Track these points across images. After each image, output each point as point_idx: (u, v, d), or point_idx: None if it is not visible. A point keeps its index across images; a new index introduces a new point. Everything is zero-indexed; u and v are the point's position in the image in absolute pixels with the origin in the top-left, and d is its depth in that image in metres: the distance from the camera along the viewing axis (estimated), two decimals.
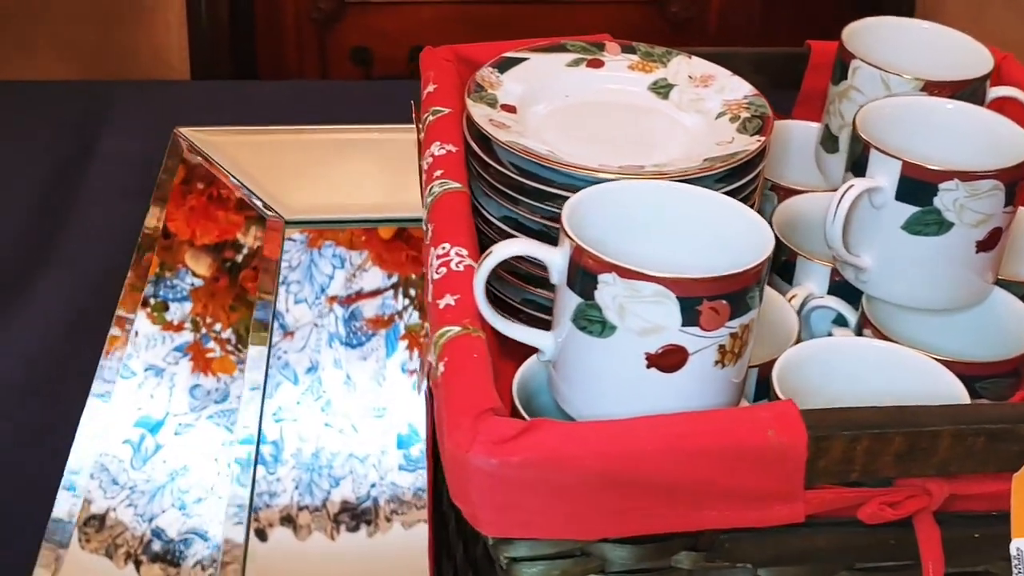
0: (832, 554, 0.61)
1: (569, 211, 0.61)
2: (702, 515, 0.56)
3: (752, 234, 0.61)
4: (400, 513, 0.90)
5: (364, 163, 1.13)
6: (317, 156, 1.13)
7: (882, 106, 0.74)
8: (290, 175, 1.10)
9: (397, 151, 1.13)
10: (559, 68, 0.86)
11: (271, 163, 1.11)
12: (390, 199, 1.08)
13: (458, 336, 0.60)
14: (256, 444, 0.92)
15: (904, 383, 0.67)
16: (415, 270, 1.11)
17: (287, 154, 1.13)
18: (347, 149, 1.15)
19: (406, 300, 1.09)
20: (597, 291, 0.58)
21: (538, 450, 0.54)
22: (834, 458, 0.56)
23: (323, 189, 1.08)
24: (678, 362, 0.58)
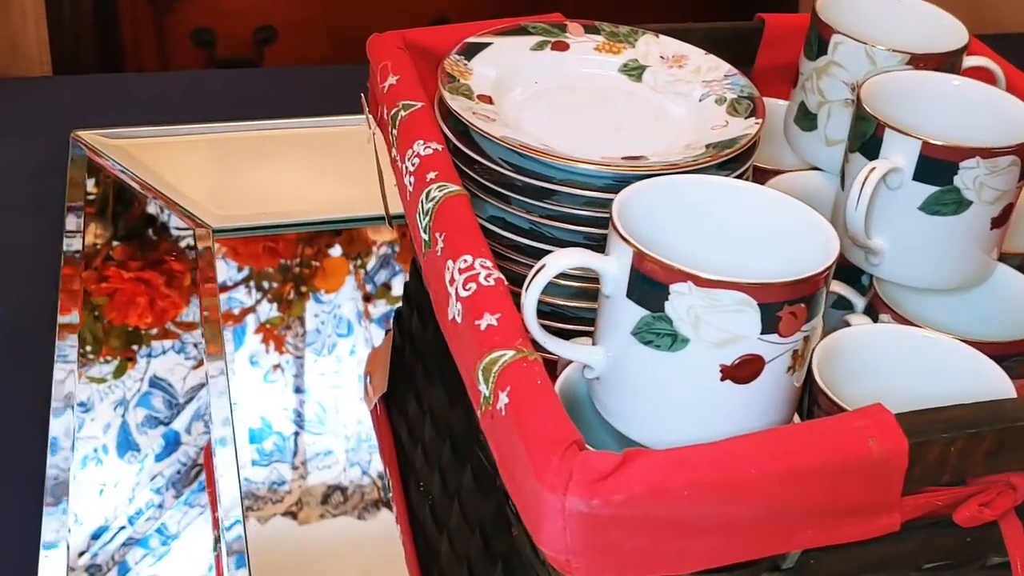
0: (911, 558, 0.58)
1: (619, 212, 0.56)
2: (801, 536, 0.53)
3: (811, 230, 0.57)
4: (255, 509, 0.84)
5: (286, 160, 1.04)
6: (234, 155, 1.03)
7: (887, 82, 0.71)
8: (210, 179, 1.00)
9: (320, 145, 1.05)
10: (524, 52, 0.80)
11: (187, 166, 1.01)
12: (324, 197, 1.00)
13: (515, 362, 0.54)
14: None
15: (942, 370, 0.65)
16: (271, 263, 1.04)
17: (202, 154, 1.03)
18: (264, 146, 1.06)
19: (259, 294, 1.02)
20: (668, 302, 0.53)
21: (640, 484, 0.49)
22: (930, 462, 0.53)
23: (248, 192, 0.99)
24: (754, 372, 0.55)
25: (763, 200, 0.59)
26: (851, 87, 0.78)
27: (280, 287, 1.02)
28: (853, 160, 0.70)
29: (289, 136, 1.06)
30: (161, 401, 0.92)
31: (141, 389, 0.94)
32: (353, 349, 0.97)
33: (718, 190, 0.59)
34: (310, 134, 1.05)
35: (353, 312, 1.01)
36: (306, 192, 0.99)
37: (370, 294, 1.03)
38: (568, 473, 0.48)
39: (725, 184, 0.60)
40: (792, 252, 0.57)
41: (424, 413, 0.84)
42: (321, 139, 1.06)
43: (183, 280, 0.99)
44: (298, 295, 1.02)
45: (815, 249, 0.56)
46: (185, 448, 0.88)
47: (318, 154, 1.06)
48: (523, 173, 0.70)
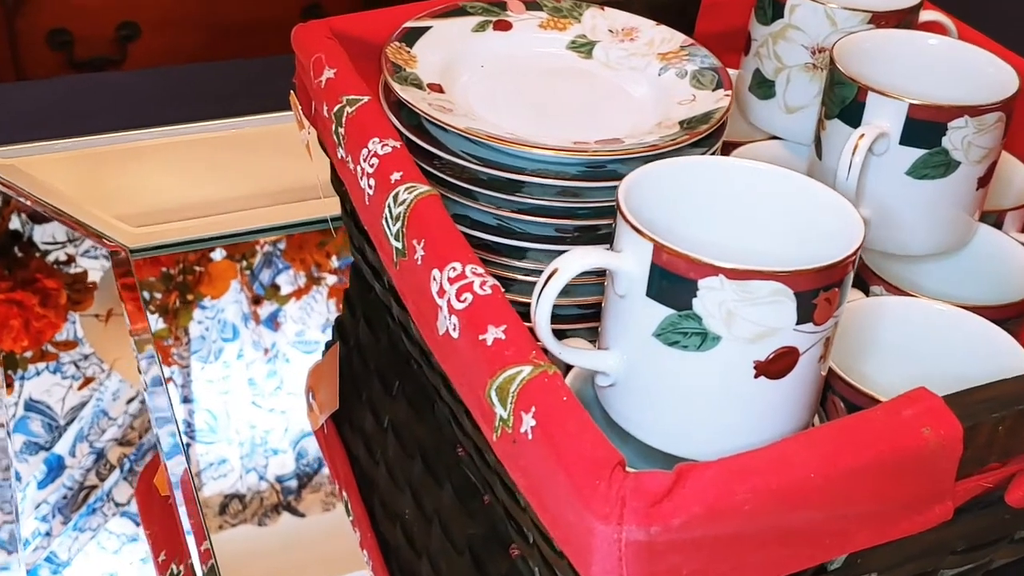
0: (953, 542, 0.55)
1: (626, 202, 0.51)
2: (856, 537, 0.49)
3: (829, 210, 0.53)
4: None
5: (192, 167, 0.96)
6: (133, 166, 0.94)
7: (860, 43, 0.68)
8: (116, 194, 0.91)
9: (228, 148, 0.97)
10: (466, 34, 0.75)
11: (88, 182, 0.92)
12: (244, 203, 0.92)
13: (535, 378, 0.49)
14: None
15: (949, 340, 0.62)
16: (152, 272, 0.96)
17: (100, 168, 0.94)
18: (166, 153, 0.97)
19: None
20: (697, 299, 0.49)
21: (699, 503, 0.44)
22: (979, 444, 0.50)
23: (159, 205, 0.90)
24: (788, 365, 0.51)
25: (773, 180, 0.55)
26: (811, 51, 0.74)
27: (164, 297, 0.95)
28: (831, 128, 0.67)
29: (186, 141, 0.98)
30: (40, 425, 0.85)
31: (17, 414, 0.86)
32: (240, 352, 0.90)
33: (723, 172, 0.55)
34: (210, 138, 0.97)
35: (238, 315, 0.95)
36: (224, 200, 0.92)
37: (258, 296, 0.97)
38: (620, 499, 0.44)
39: (737, 165, 0.56)
40: (810, 234, 0.53)
41: (385, 430, 0.79)
42: (223, 141, 0.98)
43: (58, 298, 0.91)
44: (184, 304, 0.95)
45: (837, 229, 0.52)
46: (70, 472, 0.81)
47: (224, 157, 0.98)
48: (489, 166, 0.64)
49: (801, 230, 0.53)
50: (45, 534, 0.76)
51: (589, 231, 0.66)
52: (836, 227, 0.52)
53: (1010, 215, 0.74)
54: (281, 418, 0.85)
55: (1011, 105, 0.65)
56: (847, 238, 0.51)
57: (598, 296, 0.65)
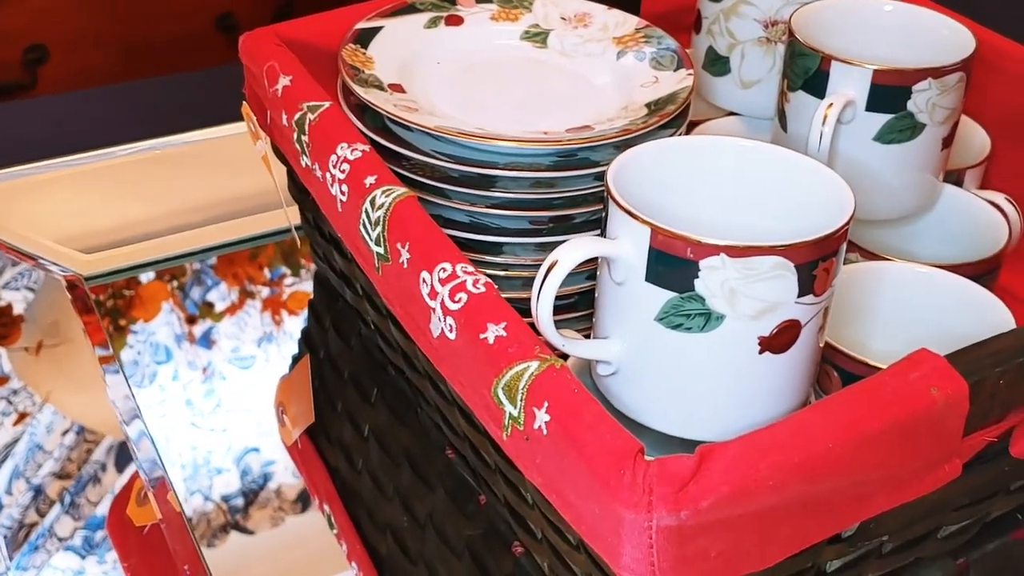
0: (957, 498, 0.56)
1: (616, 187, 0.51)
2: (872, 502, 0.49)
3: (818, 181, 0.54)
4: (102, 561, 0.77)
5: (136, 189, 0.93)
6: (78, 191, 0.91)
7: (818, 13, 0.68)
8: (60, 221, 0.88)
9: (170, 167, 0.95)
10: (418, 31, 0.74)
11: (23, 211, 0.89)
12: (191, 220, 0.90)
13: (543, 373, 0.48)
14: None
15: (932, 301, 0.63)
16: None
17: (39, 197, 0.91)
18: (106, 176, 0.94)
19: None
20: (699, 279, 0.49)
21: (726, 483, 0.44)
22: (983, 400, 0.51)
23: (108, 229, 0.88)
24: (791, 339, 0.51)
25: (760, 157, 0.55)
26: (764, 24, 0.75)
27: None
28: (796, 99, 0.67)
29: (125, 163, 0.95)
30: None
31: None
32: (176, 374, 0.88)
33: (709, 151, 0.55)
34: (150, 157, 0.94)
35: (170, 336, 0.93)
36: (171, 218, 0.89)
37: (192, 315, 0.95)
38: (647, 487, 0.43)
39: (716, 143, 0.55)
40: (801, 207, 0.53)
41: (365, 439, 0.77)
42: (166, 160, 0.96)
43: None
44: (118, 330, 0.93)
45: (827, 200, 0.52)
46: (8, 511, 0.79)
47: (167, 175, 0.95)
48: (459, 163, 0.64)
49: (791, 203, 0.53)
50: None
51: (564, 221, 0.65)
52: (826, 197, 0.52)
53: (969, 173, 0.75)
54: (223, 437, 0.83)
55: (970, 64, 0.66)
56: (838, 207, 0.51)
57: (580, 285, 0.64)
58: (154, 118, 1.04)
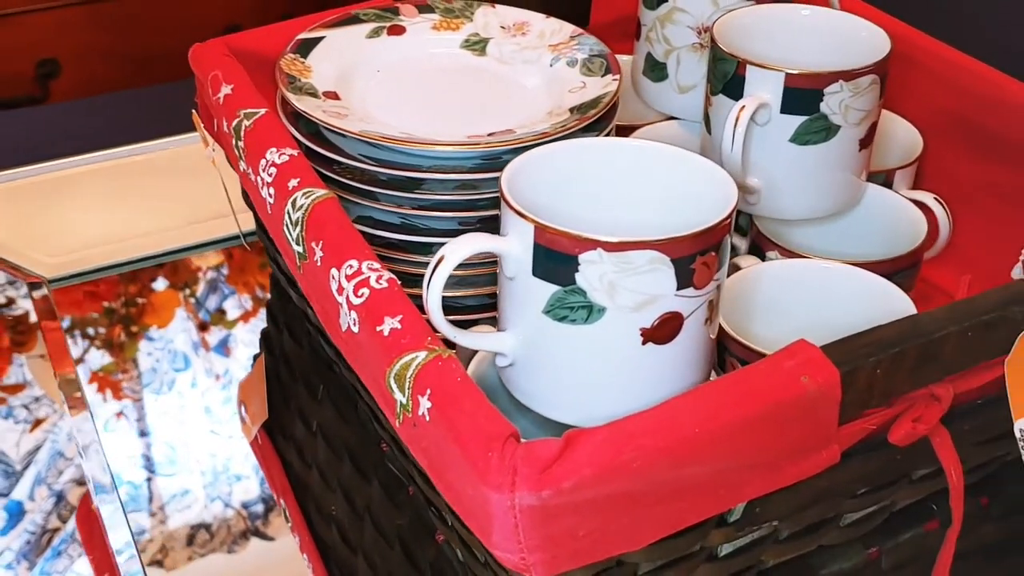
0: (847, 485, 0.58)
1: (509, 188, 0.53)
2: (750, 485, 0.51)
3: (704, 178, 0.56)
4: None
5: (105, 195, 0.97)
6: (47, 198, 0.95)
7: (738, 20, 0.71)
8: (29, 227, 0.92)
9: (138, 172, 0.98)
10: (360, 41, 0.76)
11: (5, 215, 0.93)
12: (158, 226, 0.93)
13: (429, 363, 0.51)
14: None
15: (840, 296, 0.65)
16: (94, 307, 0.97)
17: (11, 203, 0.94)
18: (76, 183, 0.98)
19: (85, 342, 0.96)
20: (579, 273, 0.51)
21: (588, 465, 0.46)
22: (859, 388, 0.53)
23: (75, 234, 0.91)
24: (674, 330, 0.53)
25: (655, 156, 0.57)
26: (697, 31, 0.77)
27: (108, 331, 0.95)
28: (717, 103, 0.70)
29: (101, 169, 0.99)
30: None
31: None
32: (194, 382, 0.91)
33: (605, 151, 0.57)
34: (123, 164, 0.98)
35: (188, 344, 0.96)
36: (137, 224, 0.93)
37: (205, 322, 0.98)
38: (512, 468, 0.46)
39: (613, 144, 0.58)
40: (689, 203, 0.55)
41: (314, 434, 0.80)
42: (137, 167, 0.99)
43: (1, 341, 0.92)
44: (129, 336, 0.96)
45: (712, 196, 0.54)
46: (32, 516, 0.82)
47: (138, 182, 0.99)
48: (387, 166, 0.66)
49: (679, 200, 0.56)
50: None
51: (492, 221, 0.67)
52: (711, 193, 0.54)
53: (899, 174, 0.77)
54: (241, 444, 0.85)
55: (884, 67, 0.68)
56: (722, 203, 0.53)
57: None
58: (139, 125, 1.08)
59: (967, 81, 0.77)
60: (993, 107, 0.76)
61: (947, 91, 0.79)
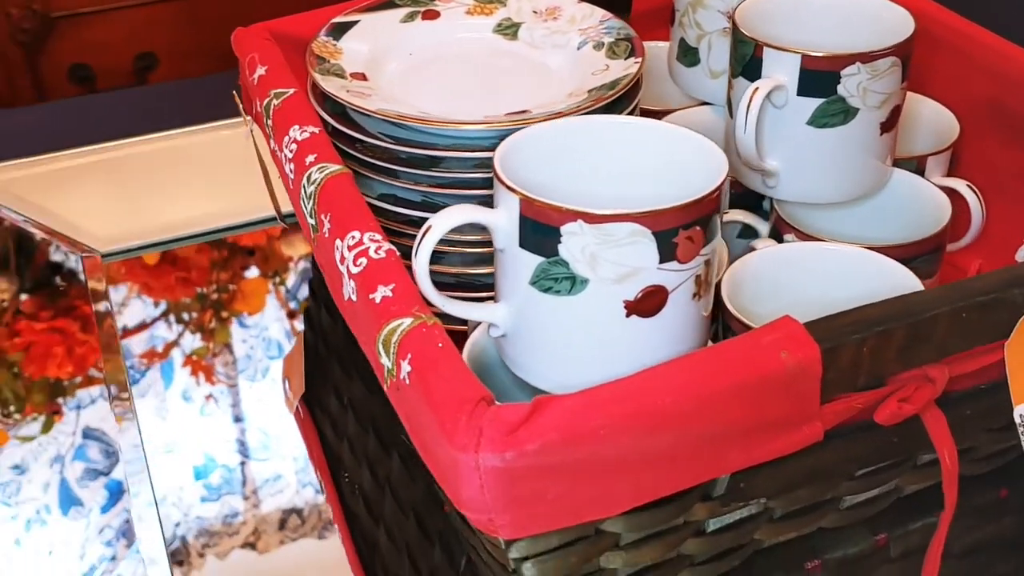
0: (840, 466, 0.57)
1: (502, 164, 0.55)
2: (726, 459, 0.52)
3: (698, 154, 0.56)
4: (212, 546, 0.81)
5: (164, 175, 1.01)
6: (110, 177, 1.00)
7: (761, 4, 0.71)
8: (89, 203, 0.96)
9: (205, 154, 1.02)
10: (394, 25, 0.78)
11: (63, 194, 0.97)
12: (215, 208, 0.97)
13: (413, 329, 0.52)
14: None
15: (850, 279, 0.64)
16: (186, 292, 1.01)
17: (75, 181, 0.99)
18: (139, 163, 1.02)
19: (180, 327, 0.99)
20: (561, 245, 0.52)
21: (553, 430, 0.47)
22: (843, 367, 0.53)
23: (131, 211, 0.96)
24: (659, 304, 0.53)
25: (647, 132, 0.58)
26: (727, 15, 0.77)
27: (200, 316, 0.99)
28: (736, 86, 0.70)
29: (171, 149, 1.03)
30: (98, 451, 0.89)
31: (75, 442, 0.90)
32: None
33: (599, 128, 0.58)
34: (193, 144, 1.02)
35: (281, 332, 0.99)
36: (196, 204, 0.96)
37: (294, 311, 1.01)
38: (478, 430, 0.47)
39: (605, 121, 0.59)
40: (683, 178, 0.56)
41: (345, 407, 0.82)
42: (206, 148, 1.03)
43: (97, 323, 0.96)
44: (220, 322, 0.99)
45: (706, 172, 0.55)
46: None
47: (204, 164, 1.02)
48: (406, 144, 0.68)
49: (672, 175, 0.56)
50: (111, 558, 0.80)
51: None
52: (703, 169, 0.55)
53: (931, 160, 0.75)
54: None
55: (906, 49, 0.67)
56: (712, 179, 0.54)
57: None
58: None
59: (1002, 65, 0.76)
60: None
61: (982, 75, 0.77)
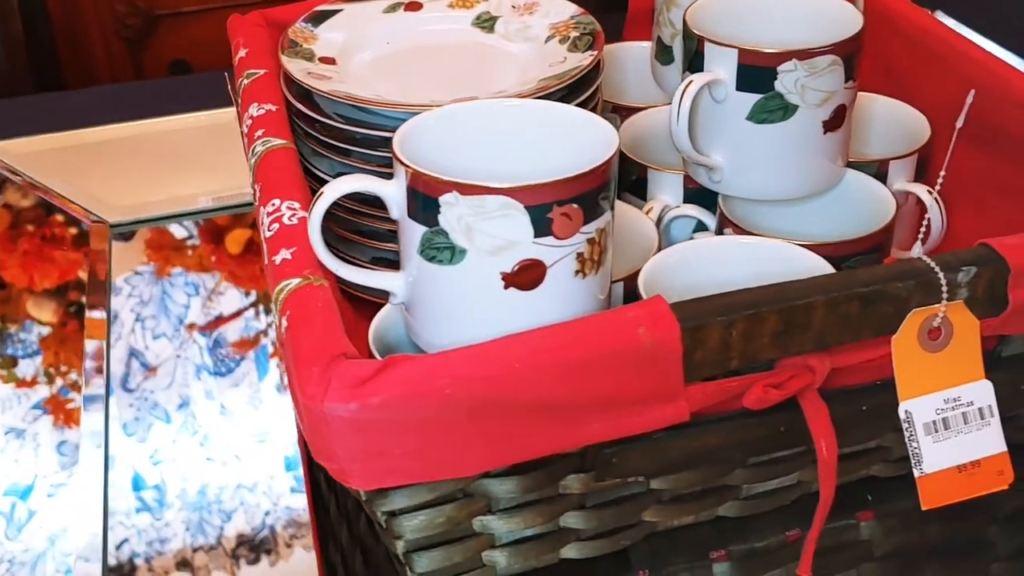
0: (724, 452, 0.58)
1: (400, 140, 0.57)
2: (586, 430, 0.53)
3: (596, 136, 0.58)
4: (299, 537, 0.85)
5: (186, 154, 1.06)
6: (134, 153, 1.06)
7: (711, 4, 0.71)
8: (108, 176, 1.03)
9: (219, 136, 1.07)
10: (376, 16, 0.81)
11: (86, 167, 1.04)
12: (223, 185, 1.02)
13: (299, 288, 0.55)
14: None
15: (773, 274, 0.64)
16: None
17: (102, 156, 1.06)
18: (164, 142, 1.08)
19: (268, 317, 1.03)
20: (441, 215, 0.54)
21: (399, 386, 0.49)
22: (711, 348, 0.53)
23: (146, 186, 1.02)
24: (536, 277, 0.55)
25: (548, 114, 0.59)
26: None
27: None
28: (685, 79, 0.71)
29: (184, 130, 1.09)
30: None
31: None
32: None
33: (502, 110, 0.60)
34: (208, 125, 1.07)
35: None
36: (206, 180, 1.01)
37: None
38: (327, 381, 0.49)
39: (508, 104, 0.61)
40: (580, 157, 0.57)
41: None
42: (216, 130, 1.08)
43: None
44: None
45: (599, 150, 0.56)
46: None
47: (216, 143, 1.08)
48: (356, 125, 0.71)
49: (570, 155, 0.57)
50: None
51: None
52: (593, 148, 0.56)
53: (894, 164, 0.75)
54: None
55: (847, 48, 0.67)
56: (599, 157, 0.55)
57: None
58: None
59: (976, 73, 0.75)
60: (997, 102, 0.73)
61: (957, 82, 0.76)
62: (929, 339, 0.56)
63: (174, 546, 0.82)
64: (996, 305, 0.57)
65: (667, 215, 0.74)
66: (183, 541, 0.82)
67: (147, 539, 0.82)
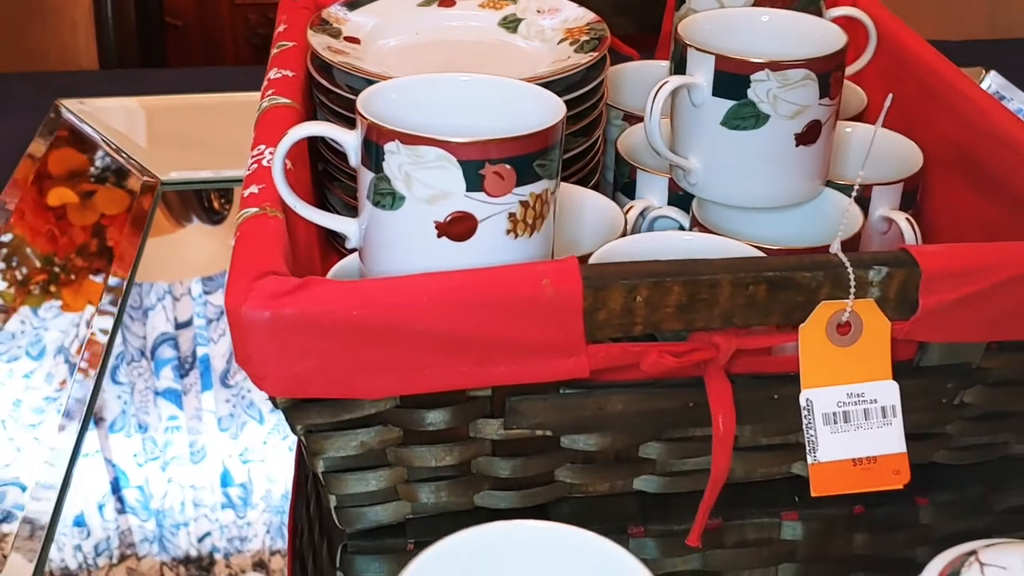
0: (632, 419, 0.61)
1: (364, 99, 0.62)
2: (489, 371, 0.56)
3: (545, 110, 0.62)
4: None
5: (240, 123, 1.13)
6: (204, 122, 1.14)
7: (703, 18, 0.75)
8: (172, 141, 1.11)
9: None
10: (410, 8, 0.87)
11: (153, 130, 1.12)
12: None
13: (254, 216, 0.60)
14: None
15: None
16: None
17: (171, 121, 1.14)
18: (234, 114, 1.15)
19: None
20: (385, 162, 0.59)
21: (312, 303, 0.54)
22: (614, 310, 0.56)
23: (205, 153, 1.09)
24: (467, 230, 0.59)
25: (506, 89, 0.64)
26: None
27: None
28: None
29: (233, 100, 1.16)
30: None
31: None
32: None
33: (463, 84, 0.65)
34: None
35: None
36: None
37: None
38: (248, 290, 0.54)
39: (468, 78, 0.65)
40: (524, 127, 0.61)
41: None
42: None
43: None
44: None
45: (538, 120, 0.60)
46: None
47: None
48: None
49: (511, 123, 0.61)
50: None
51: None
52: (541, 120, 0.60)
53: (877, 190, 0.76)
54: None
55: (822, 65, 0.69)
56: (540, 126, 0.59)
57: None
58: None
59: (969, 112, 0.76)
60: (994, 145, 0.74)
61: (952, 119, 0.78)
62: (838, 333, 0.58)
63: (252, 547, 0.81)
64: (907, 308, 0.59)
65: (649, 214, 0.78)
66: (262, 543, 0.80)
67: (227, 535, 0.82)
